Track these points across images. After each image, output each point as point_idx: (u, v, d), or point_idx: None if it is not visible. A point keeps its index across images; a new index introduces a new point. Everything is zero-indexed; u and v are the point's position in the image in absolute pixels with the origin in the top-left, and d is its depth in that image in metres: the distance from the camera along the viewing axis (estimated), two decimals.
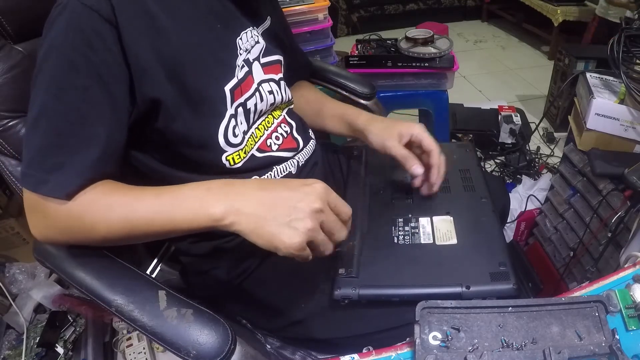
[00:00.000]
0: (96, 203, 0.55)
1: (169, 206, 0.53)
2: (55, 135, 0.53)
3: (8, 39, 0.65)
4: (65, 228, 0.55)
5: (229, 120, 0.64)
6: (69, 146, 0.54)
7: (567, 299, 0.46)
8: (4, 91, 0.64)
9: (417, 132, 0.71)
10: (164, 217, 0.53)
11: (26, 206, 0.56)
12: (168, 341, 0.50)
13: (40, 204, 0.54)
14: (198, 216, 0.51)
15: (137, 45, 0.55)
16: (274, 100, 0.72)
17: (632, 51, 0.94)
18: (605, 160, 0.99)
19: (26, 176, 0.54)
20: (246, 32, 0.69)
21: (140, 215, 0.53)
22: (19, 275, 1.35)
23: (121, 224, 0.54)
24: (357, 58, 1.58)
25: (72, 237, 0.56)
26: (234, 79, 0.64)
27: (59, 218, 0.54)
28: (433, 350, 0.43)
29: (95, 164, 0.54)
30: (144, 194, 0.55)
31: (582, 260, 1.14)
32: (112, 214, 0.54)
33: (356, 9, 3.33)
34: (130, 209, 0.54)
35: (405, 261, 0.64)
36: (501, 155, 1.90)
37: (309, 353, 0.75)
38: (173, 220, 0.52)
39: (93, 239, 0.56)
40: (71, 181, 0.53)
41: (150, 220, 0.53)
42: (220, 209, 0.50)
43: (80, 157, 0.54)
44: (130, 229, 0.54)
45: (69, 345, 1.25)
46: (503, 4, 3.38)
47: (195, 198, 0.52)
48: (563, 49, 1.98)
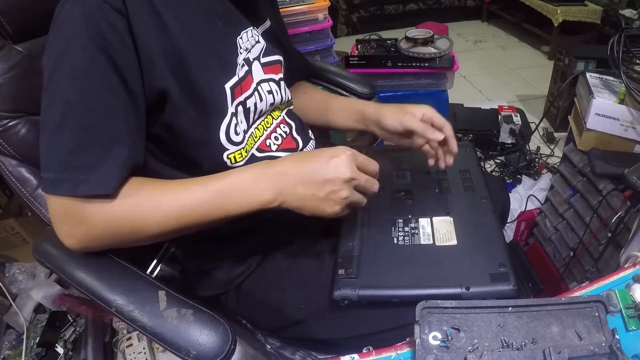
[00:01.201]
0: (142, 200, 0.54)
1: (219, 197, 0.55)
2: (86, 132, 0.52)
3: (8, 39, 0.65)
4: (109, 231, 0.54)
5: (230, 119, 0.64)
6: (102, 142, 0.52)
7: (567, 299, 0.46)
8: (4, 91, 0.64)
9: (427, 112, 0.75)
10: (215, 208, 0.55)
11: (58, 215, 0.53)
12: (168, 341, 0.50)
13: (78, 209, 0.52)
14: (249, 203, 0.55)
15: (146, 36, 0.54)
16: (274, 100, 0.72)
17: (632, 51, 0.94)
18: (605, 160, 0.99)
19: (58, 182, 0.51)
20: (246, 31, 0.69)
21: (191, 208, 0.54)
22: (19, 275, 1.35)
23: (171, 219, 0.54)
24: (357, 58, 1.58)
25: (115, 240, 0.55)
26: (235, 77, 0.64)
27: (103, 221, 0.53)
28: (433, 350, 0.43)
29: (128, 157, 0.54)
30: (190, 186, 0.56)
31: (582, 260, 1.14)
32: (161, 210, 0.53)
33: (356, 9, 3.33)
34: (179, 203, 0.54)
35: (405, 262, 0.63)
36: (501, 155, 1.90)
37: (309, 353, 0.75)
38: (225, 209, 0.55)
39: (139, 238, 0.55)
40: (113, 176, 0.52)
41: (201, 212, 0.54)
42: (268, 194, 0.55)
43: (116, 151, 0.53)
44: (181, 223, 0.54)
45: (69, 345, 1.25)
46: (503, 4, 3.38)
47: (244, 187, 0.55)
48: (563, 49, 1.98)
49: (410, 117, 0.74)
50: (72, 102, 0.51)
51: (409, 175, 0.82)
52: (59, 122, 0.51)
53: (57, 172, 0.52)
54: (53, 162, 0.52)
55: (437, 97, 1.59)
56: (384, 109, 0.79)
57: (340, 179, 0.55)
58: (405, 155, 0.87)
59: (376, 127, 0.80)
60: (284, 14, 1.50)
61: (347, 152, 0.57)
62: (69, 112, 0.51)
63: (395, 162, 0.85)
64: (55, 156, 0.52)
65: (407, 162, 0.85)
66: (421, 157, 0.86)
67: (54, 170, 0.52)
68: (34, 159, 0.67)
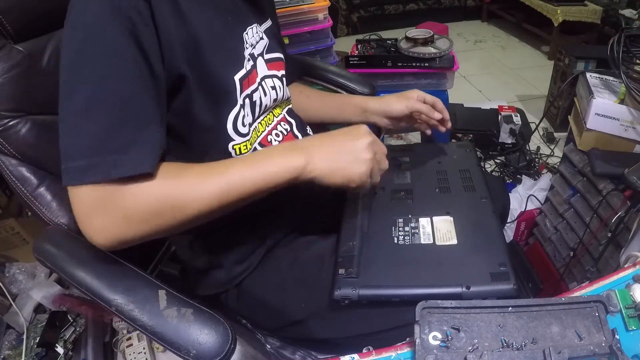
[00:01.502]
0: (183, 179, 0.53)
1: (258, 167, 0.56)
2: (118, 112, 0.50)
3: (8, 39, 0.65)
4: (150, 216, 0.51)
5: (239, 109, 0.65)
6: (135, 122, 0.51)
7: (567, 299, 0.46)
8: (4, 91, 0.63)
9: (419, 93, 0.85)
10: (255, 178, 0.55)
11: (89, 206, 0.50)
12: (168, 341, 0.50)
13: (115, 195, 0.49)
14: (286, 169, 0.56)
15: (166, 23, 0.54)
16: (277, 96, 0.73)
17: (632, 51, 0.94)
18: (605, 160, 0.99)
19: (88, 167, 0.48)
20: (252, 27, 0.70)
21: (233, 180, 0.54)
22: (19, 275, 1.35)
23: (214, 195, 0.53)
24: (357, 58, 1.58)
25: (153, 228, 0.52)
26: (243, 69, 0.65)
27: (142, 204, 0.50)
28: (433, 350, 0.43)
29: (160, 138, 0.53)
30: (228, 163, 0.57)
31: (582, 260, 1.14)
32: (203, 187, 0.53)
33: (356, 9, 3.33)
34: (220, 179, 0.54)
35: (405, 261, 0.63)
36: (501, 155, 1.90)
37: (309, 353, 0.75)
38: (264, 178, 0.56)
39: (179, 222, 0.52)
40: (151, 154, 0.50)
41: (243, 184, 0.54)
42: (301, 160, 0.57)
43: (149, 131, 0.51)
44: (223, 200, 0.53)
45: (69, 345, 1.25)
46: (503, 4, 3.38)
47: (279, 156, 0.57)
48: (563, 49, 1.98)
49: (413, 101, 0.84)
50: (102, 84, 0.50)
51: (409, 175, 0.82)
52: (86, 104, 0.49)
53: (87, 157, 0.49)
54: (81, 148, 0.49)
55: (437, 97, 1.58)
56: (387, 99, 0.85)
57: (364, 142, 0.60)
58: (405, 155, 0.87)
59: (380, 117, 0.85)
60: (284, 14, 1.50)
61: (363, 126, 0.62)
62: (97, 93, 0.49)
63: (395, 162, 0.85)
64: (83, 140, 0.49)
65: (407, 162, 0.85)
66: (421, 157, 0.87)
67: (82, 157, 0.49)
68: (35, 159, 0.67)
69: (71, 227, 0.67)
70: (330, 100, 0.92)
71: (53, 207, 0.67)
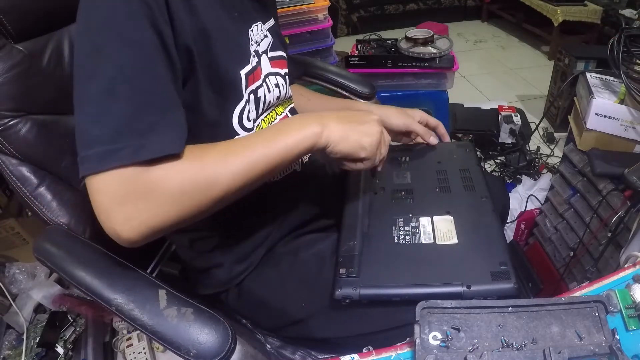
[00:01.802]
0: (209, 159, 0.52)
1: (279, 140, 0.57)
2: (141, 96, 0.49)
3: (9, 38, 0.65)
4: (181, 199, 0.50)
5: (244, 104, 0.65)
6: (158, 104, 0.50)
7: (567, 299, 0.46)
8: (4, 91, 0.63)
9: (423, 115, 0.88)
10: (278, 151, 0.56)
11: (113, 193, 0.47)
12: (168, 340, 0.50)
13: (143, 178, 0.48)
14: (304, 137, 0.58)
15: (179, 13, 0.54)
16: (279, 94, 0.74)
17: (632, 51, 0.94)
18: (605, 160, 0.99)
19: (112, 152, 0.46)
20: (257, 25, 0.71)
21: (256, 155, 0.55)
22: (19, 275, 1.35)
23: (241, 171, 0.53)
24: (357, 58, 1.58)
25: (186, 206, 0.50)
26: (249, 65, 0.66)
27: (172, 184, 0.49)
28: (433, 350, 0.43)
29: (184, 121, 0.52)
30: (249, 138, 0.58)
31: (582, 260, 1.14)
32: (230, 163, 0.53)
33: (356, 9, 3.33)
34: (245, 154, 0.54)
35: (405, 261, 0.63)
36: (501, 155, 1.90)
37: (309, 353, 0.75)
38: (286, 149, 0.57)
39: (209, 199, 0.52)
40: (178, 135, 0.50)
41: (265, 157, 0.55)
42: (317, 127, 0.59)
43: (173, 113, 0.51)
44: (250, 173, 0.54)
45: (69, 345, 1.25)
46: (503, 4, 3.38)
47: (296, 126, 0.59)
48: (563, 49, 1.98)
49: (412, 120, 0.87)
50: (123, 67, 0.49)
51: (409, 175, 0.82)
52: (107, 89, 0.48)
53: (110, 143, 0.47)
54: (103, 133, 0.47)
55: (437, 97, 1.59)
56: (388, 111, 0.87)
57: (373, 117, 0.64)
58: (405, 155, 0.87)
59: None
60: (284, 14, 1.50)
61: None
62: (119, 77, 0.48)
63: (395, 162, 0.85)
64: (106, 125, 0.47)
65: (407, 161, 0.86)
66: (421, 157, 0.87)
67: (105, 142, 0.47)
68: (35, 159, 0.67)
69: (71, 227, 0.68)
70: (331, 104, 0.92)
71: (53, 207, 0.67)
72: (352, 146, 0.61)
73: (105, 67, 0.49)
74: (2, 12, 0.63)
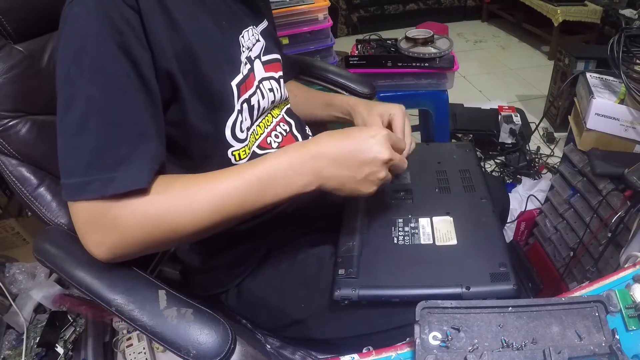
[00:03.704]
0: (176, 195, 0.51)
1: (256, 186, 0.53)
2: (111, 128, 0.49)
3: (8, 39, 0.65)
4: (144, 233, 0.51)
5: (236, 116, 0.64)
6: (128, 137, 0.50)
7: (567, 299, 0.46)
8: (4, 91, 0.63)
9: (393, 112, 0.73)
10: (253, 198, 0.53)
11: (85, 222, 0.50)
12: (168, 341, 0.50)
13: (110, 213, 0.49)
14: (287, 190, 0.54)
15: (157, 33, 0.54)
16: (274, 98, 0.73)
17: (632, 51, 0.94)
18: (605, 160, 0.99)
19: (84, 184, 0.48)
20: (247, 30, 0.70)
21: (228, 199, 0.52)
22: (19, 275, 1.35)
23: (208, 213, 0.51)
24: (357, 58, 1.58)
25: (149, 243, 0.52)
26: (240, 74, 0.65)
27: (137, 222, 0.50)
28: (433, 350, 0.43)
29: (156, 152, 0.52)
30: (225, 177, 0.53)
31: (582, 260, 1.14)
32: (197, 203, 0.51)
33: (356, 9, 3.33)
34: (216, 194, 0.51)
35: (405, 262, 0.63)
36: (501, 155, 1.90)
37: (309, 353, 0.75)
38: (263, 199, 0.53)
39: (174, 238, 0.52)
40: (145, 169, 0.50)
41: (238, 204, 0.52)
42: (306, 179, 0.54)
43: (144, 145, 0.51)
44: (218, 216, 0.52)
45: (69, 345, 1.25)
46: (503, 4, 3.38)
47: (281, 174, 0.53)
48: (563, 49, 1.98)
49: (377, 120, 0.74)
50: (94, 99, 0.49)
51: (409, 175, 0.82)
52: (80, 121, 0.49)
53: (82, 175, 0.49)
54: (77, 165, 0.49)
55: (437, 97, 1.58)
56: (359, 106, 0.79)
57: (380, 161, 0.55)
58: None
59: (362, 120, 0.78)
60: (284, 14, 1.50)
61: (383, 131, 0.57)
62: (91, 109, 0.49)
63: None
64: (78, 158, 0.49)
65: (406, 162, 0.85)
66: (421, 157, 0.87)
67: (78, 174, 0.49)
68: (34, 159, 0.67)
69: (71, 227, 0.67)
70: (316, 98, 0.90)
71: (53, 207, 0.67)
72: (348, 194, 0.57)
73: (77, 98, 0.50)
74: (2, 13, 0.63)
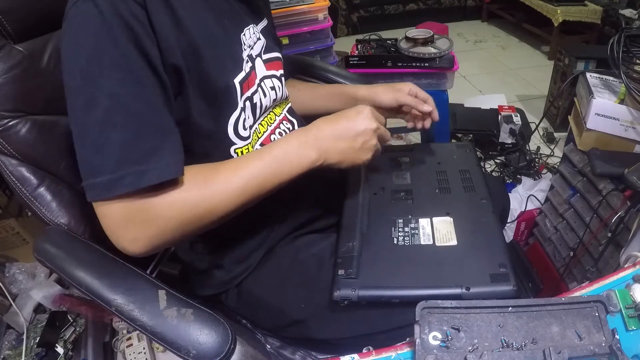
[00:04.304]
0: (209, 182, 0.55)
1: (275, 165, 0.59)
2: (137, 122, 0.50)
3: (8, 39, 0.65)
4: (181, 221, 0.53)
5: (240, 113, 0.65)
6: (155, 129, 0.51)
7: (567, 299, 0.46)
8: (4, 91, 0.63)
9: (412, 87, 0.84)
10: (272, 176, 0.59)
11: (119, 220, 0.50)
12: (168, 341, 0.50)
13: (148, 205, 0.50)
14: (300, 166, 0.60)
15: (164, 30, 0.54)
16: (276, 96, 0.74)
17: (632, 51, 0.94)
18: (605, 160, 0.99)
19: (116, 180, 0.48)
20: (248, 28, 0.70)
21: (253, 180, 0.57)
22: (19, 275, 1.35)
23: (238, 195, 0.56)
24: (357, 58, 1.58)
25: (187, 230, 0.54)
26: (242, 72, 0.65)
27: (174, 211, 0.51)
28: (433, 350, 0.43)
29: (180, 143, 0.53)
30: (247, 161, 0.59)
31: (582, 260, 1.14)
32: (229, 187, 0.55)
33: (356, 9, 3.33)
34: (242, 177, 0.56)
35: (404, 262, 0.63)
36: (501, 155, 1.90)
37: (309, 353, 0.75)
38: (281, 175, 0.59)
39: (208, 223, 0.55)
40: (177, 159, 0.51)
41: (262, 181, 0.58)
42: (314, 155, 0.61)
43: (170, 137, 0.52)
44: (247, 196, 0.57)
45: (69, 345, 1.25)
46: (503, 4, 3.38)
47: (293, 152, 0.60)
48: (563, 49, 1.98)
49: (403, 94, 0.83)
50: (117, 95, 0.49)
51: (409, 175, 0.82)
52: (104, 118, 0.49)
53: (113, 171, 0.48)
54: (105, 162, 0.49)
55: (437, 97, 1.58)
56: (377, 89, 0.86)
57: (370, 130, 0.63)
58: (405, 156, 0.87)
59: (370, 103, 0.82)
60: (284, 14, 1.50)
61: (367, 108, 0.64)
62: (115, 105, 0.49)
63: (395, 162, 0.85)
64: (106, 154, 0.49)
65: (407, 162, 0.85)
66: (421, 157, 0.87)
67: (107, 171, 0.49)
68: (35, 159, 0.67)
69: (71, 227, 0.68)
70: (320, 90, 0.93)
71: (53, 207, 0.67)
72: (350, 164, 0.64)
73: (99, 97, 0.49)
74: (2, 13, 0.63)
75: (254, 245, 0.74)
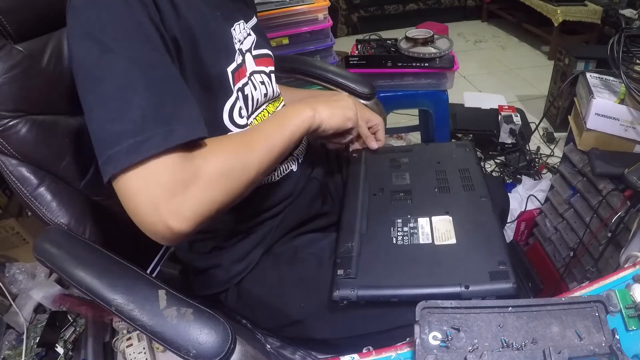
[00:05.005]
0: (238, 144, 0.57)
1: (285, 126, 0.64)
2: (159, 87, 0.50)
3: (8, 39, 0.65)
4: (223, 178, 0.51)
5: (234, 101, 0.66)
6: (175, 94, 0.51)
7: (567, 299, 0.46)
8: (4, 91, 0.63)
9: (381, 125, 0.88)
10: (288, 135, 0.63)
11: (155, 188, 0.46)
12: (168, 340, 0.50)
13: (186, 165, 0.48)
14: (302, 121, 0.65)
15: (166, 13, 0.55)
16: (266, 92, 0.74)
17: (632, 51, 0.94)
18: (605, 160, 0.99)
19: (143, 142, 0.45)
20: (238, 24, 0.71)
21: (273, 138, 0.61)
22: (19, 275, 1.35)
23: (264, 152, 0.59)
24: (357, 58, 1.58)
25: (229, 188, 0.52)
26: (234, 62, 0.67)
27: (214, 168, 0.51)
28: (433, 350, 0.43)
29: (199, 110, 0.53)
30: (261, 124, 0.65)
31: (582, 260, 1.14)
32: (254, 146, 0.58)
33: (356, 9, 3.33)
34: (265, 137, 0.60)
35: (404, 262, 0.63)
36: (501, 155, 1.90)
37: (309, 353, 0.75)
38: (292, 134, 0.64)
39: (247, 180, 0.55)
40: (201, 120, 0.52)
41: (281, 143, 0.62)
42: (310, 110, 0.67)
43: (189, 102, 0.52)
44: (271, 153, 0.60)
45: (69, 345, 1.25)
46: (503, 4, 3.38)
47: (291, 112, 0.66)
48: (563, 49, 1.98)
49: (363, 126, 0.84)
50: (138, 60, 0.49)
51: (408, 175, 0.81)
52: (125, 83, 0.48)
53: (136, 134, 0.46)
54: (126, 128, 0.46)
55: (437, 97, 1.58)
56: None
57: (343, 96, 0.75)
58: (404, 156, 0.87)
59: None
60: (284, 14, 1.50)
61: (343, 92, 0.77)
62: (135, 69, 0.49)
63: (394, 162, 0.85)
64: (128, 119, 0.46)
65: (406, 162, 0.85)
66: (420, 157, 0.87)
67: (129, 134, 0.46)
68: (35, 159, 0.67)
69: (71, 227, 0.67)
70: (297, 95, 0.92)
71: (53, 207, 0.67)
72: (340, 119, 0.70)
73: (117, 63, 0.49)
74: (2, 13, 0.62)
75: (252, 244, 0.74)
